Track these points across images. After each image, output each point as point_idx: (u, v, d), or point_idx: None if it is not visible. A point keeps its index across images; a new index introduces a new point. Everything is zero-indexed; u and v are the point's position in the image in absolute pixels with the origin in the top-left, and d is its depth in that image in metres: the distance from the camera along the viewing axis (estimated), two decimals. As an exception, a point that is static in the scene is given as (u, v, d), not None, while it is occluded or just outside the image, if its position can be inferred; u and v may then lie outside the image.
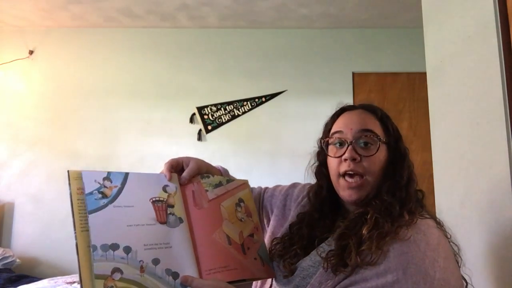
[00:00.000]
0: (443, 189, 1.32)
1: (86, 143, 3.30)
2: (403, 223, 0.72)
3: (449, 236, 0.77)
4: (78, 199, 0.68)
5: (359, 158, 0.78)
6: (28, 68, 3.40)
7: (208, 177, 0.89)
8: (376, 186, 0.80)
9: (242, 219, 0.86)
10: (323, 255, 0.75)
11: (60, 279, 2.39)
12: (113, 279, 0.63)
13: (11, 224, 3.21)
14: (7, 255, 2.84)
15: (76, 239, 0.64)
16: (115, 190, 0.73)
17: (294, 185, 1.08)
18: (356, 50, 3.34)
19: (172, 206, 0.78)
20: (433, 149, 1.41)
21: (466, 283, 0.76)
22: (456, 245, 0.77)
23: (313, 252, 0.81)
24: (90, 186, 0.70)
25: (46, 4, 3.04)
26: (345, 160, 0.79)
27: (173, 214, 0.77)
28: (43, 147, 3.31)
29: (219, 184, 0.89)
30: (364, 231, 0.71)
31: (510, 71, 0.98)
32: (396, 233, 0.70)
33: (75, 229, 0.65)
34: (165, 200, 0.78)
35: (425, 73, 1.49)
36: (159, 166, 0.85)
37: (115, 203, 0.71)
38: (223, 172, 1.01)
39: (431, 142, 1.42)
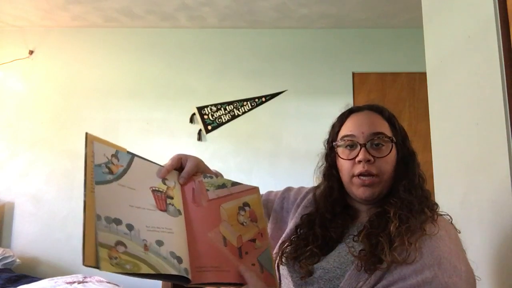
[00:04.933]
0: (443, 189, 1.32)
1: (86, 143, 3.29)
2: (427, 219, 0.75)
3: (459, 232, 0.80)
4: (91, 161, 0.68)
5: (372, 160, 0.81)
6: (28, 68, 3.40)
7: (211, 177, 0.88)
8: (389, 184, 0.83)
9: (244, 223, 0.84)
10: (356, 253, 0.75)
11: (60, 279, 2.39)
12: (117, 251, 0.61)
13: (11, 224, 3.21)
14: (7, 255, 2.84)
15: (85, 197, 0.63)
16: (121, 169, 0.72)
17: (288, 189, 1.09)
18: (356, 50, 3.34)
19: (172, 198, 0.78)
20: (433, 149, 1.41)
21: None
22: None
23: (334, 253, 0.81)
24: (99, 158, 0.70)
25: (46, 4, 3.04)
26: (359, 162, 0.81)
27: (172, 205, 0.77)
28: (43, 147, 3.31)
29: (222, 186, 0.88)
30: (392, 228, 0.73)
31: (510, 71, 0.97)
32: (423, 229, 0.72)
33: (85, 188, 0.64)
34: (164, 191, 0.77)
35: (425, 73, 1.49)
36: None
37: (119, 181, 0.70)
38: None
39: (431, 142, 1.42)
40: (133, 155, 0.77)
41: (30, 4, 3.04)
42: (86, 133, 0.70)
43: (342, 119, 0.89)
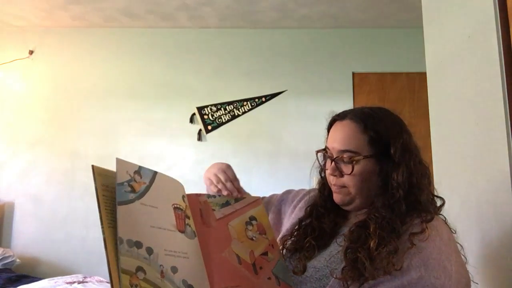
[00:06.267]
0: (443, 189, 1.32)
1: (86, 143, 3.30)
2: (419, 230, 0.72)
3: (454, 232, 0.79)
4: (103, 195, 0.65)
5: (339, 175, 0.83)
6: (28, 68, 3.40)
7: (215, 197, 0.89)
8: (364, 195, 0.82)
9: (254, 238, 0.84)
10: (339, 275, 0.74)
11: (60, 279, 2.39)
12: (138, 277, 0.60)
13: (11, 224, 3.21)
14: (7, 255, 2.84)
15: (103, 233, 0.61)
16: (143, 186, 0.70)
17: (288, 192, 1.11)
18: (356, 50, 3.34)
19: (189, 218, 0.77)
20: (433, 149, 1.41)
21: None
22: (460, 244, 0.78)
23: (326, 252, 0.83)
24: (122, 176, 0.68)
25: (46, 4, 3.04)
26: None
27: (189, 226, 0.76)
28: (43, 147, 3.31)
29: (226, 204, 0.88)
30: (372, 245, 0.72)
31: (510, 71, 0.97)
32: (411, 240, 0.71)
33: (102, 225, 0.61)
34: (184, 209, 0.77)
35: (425, 73, 1.49)
36: (159, 166, 0.84)
37: (142, 200, 0.68)
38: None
39: (431, 142, 1.42)
40: (155, 172, 0.75)
41: (30, 4, 3.04)
42: (93, 166, 0.66)
43: (329, 127, 0.90)
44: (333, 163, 0.83)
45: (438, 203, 0.84)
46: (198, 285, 0.69)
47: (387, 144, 0.80)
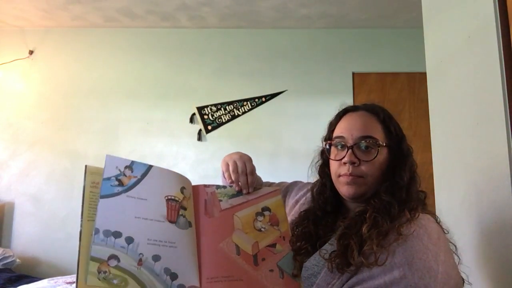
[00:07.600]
0: (443, 189, 1.32)
1: (86, 143, 3.30)
2: (404, 221, 0.72)
3: (446, 232, 0.78)
4: (90, 192, 0.69)
5: (358, 162, 0.81)
6: (28, 68, 3.40)
7: (225, 187, 0.89)
8: (375, 185, 0.82)
9: (262, 229, 0.84)
10: (326, 256, 0.75)
11: (60, 279, 2.39)
12: (109, 265, 0.64)
13: (11, 224, 3.21)
14: (7, 255, 2.84)
15: (81, 226, 0.65)
16: (133, 180, 0.74)
17: (295, 183, 1.11)
18: (356, 50, 3.34)
19: (185, 209, 0.78)
20: (433, 149, 1.41)
21: (463, 280, 0.77)
22: (453, 244, 0.78)
23: (317, 252, 0.82)
24: (109, 171, 0.71)
25: (46, 4, 3.04)
26: (345, 163, 0.82)
27: (184, 216, 0.77)
28: (43, 147, 3.31)
29: (237, 194, 0.89)
30: (364, 230, 0.72)
31: (510, 71, 0.97)
32: (398, 231, 0.70)
33: (82, 218, 0.66)
34: (180, 200, 0.78)
35: (425, 73, 1.49)
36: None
37: (129, 193, 0.72)
38: None
39: (431, 142, 1.42)
40: (151, 166, 0.78)
41: (30, 4, 3.04)
42: (86, 166, 0.71)
43: (338, 118, 0.90)
44: (349, 151, 0.81)
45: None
46: (183, 273, 0.71)
47: (397, 138, 0.84)
